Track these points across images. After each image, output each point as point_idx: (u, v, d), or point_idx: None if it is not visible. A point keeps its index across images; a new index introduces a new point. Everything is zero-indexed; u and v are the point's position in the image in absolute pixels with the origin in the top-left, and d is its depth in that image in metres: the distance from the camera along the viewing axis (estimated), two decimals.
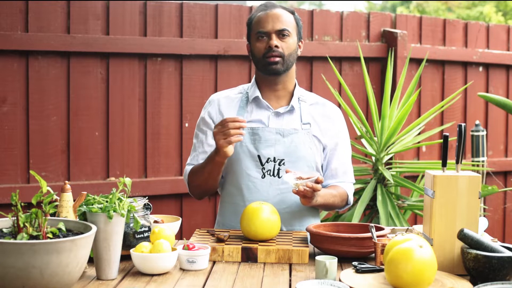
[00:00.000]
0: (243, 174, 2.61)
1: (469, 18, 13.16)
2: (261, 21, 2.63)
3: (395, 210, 3.49)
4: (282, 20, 2.62)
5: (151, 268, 2.04)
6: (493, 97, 3.75)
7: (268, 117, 2.65)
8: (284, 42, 2.61)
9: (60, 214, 2.17)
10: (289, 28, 2.63)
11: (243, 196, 2.61)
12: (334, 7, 24.63)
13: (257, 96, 2.67)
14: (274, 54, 2.59)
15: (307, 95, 2.76)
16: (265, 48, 2.61)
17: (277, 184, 2.61)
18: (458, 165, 2.11)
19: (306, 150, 2.63)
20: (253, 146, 2.61)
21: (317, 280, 1.89)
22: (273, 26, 2.61)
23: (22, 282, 1.67)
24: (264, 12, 2.64)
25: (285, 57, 2.61)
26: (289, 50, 2.62)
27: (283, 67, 2.63)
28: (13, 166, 3.56)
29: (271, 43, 2.59)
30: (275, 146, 2.60)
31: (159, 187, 3.88)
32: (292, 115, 2.67)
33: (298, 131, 2.63)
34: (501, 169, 5.05)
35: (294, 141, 2.62)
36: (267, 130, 2.61)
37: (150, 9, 3.85)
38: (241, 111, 2.67)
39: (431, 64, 4.76)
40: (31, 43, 3.53)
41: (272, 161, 2.61)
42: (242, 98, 2.71)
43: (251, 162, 2.61)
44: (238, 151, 2.61)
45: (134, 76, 3.83)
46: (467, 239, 1.99)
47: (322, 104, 2.76)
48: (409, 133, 3.74)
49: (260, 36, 2.62)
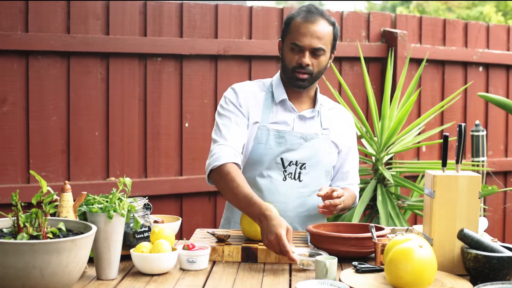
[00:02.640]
0: (264, 175, 2.61)
1: (469, 18, 13.16)
2: (300, 33, 2.54)
3: (395, 210, 3.49)
4: (320, 37, 2.54)
5: (151, 268, 2.04)
6: (493, 97, 3.75)
7: (293, 120, 2.64)
8: (316, 60, 2.56)
9: (60, 214, 2.17)
10: (325, 46, 2.56)
11: (263, 197, 2.59)
12: (334, 7, 24.63)
13: (284, 98, 2.64)
14: (304, 71, 2.56)
15: (324, 100, 2.76)
16: (296, 62, 2.56)
17: (297, 188, 2.62)
18: (458, 165, 2.11)
19: (325, 156, 2.65)
20: (277, 148, 2.60)
21: (317, 280, 1.89)
22: (310, 43, 2.53)
23: (22, 282, 1.67)
24: (305, 22, 2.55)
25: (314, 74, 2.58)
26: (320, 67, 2.58)
27: (309, 84, 2.61)
28: (13, 166, 3.56)
29: (303, 61, 2.54)
30: (298, 150, 2.61)
31: (159, 187, 3.88)
32: (314, 120, 2.67)
33: (319, 136, 2.65)
34: (501, 169, 5.05)
35: (315, 146, 2.63)
36: (293, 134, 2.61)
37: (150, 9, 3.85)
38: (266, 111, 2.63)
39: (431, 64, 4.75)
40: (31, 43, 3.53)
41: (294, 165, 2.61)
42: (266, 97, 2.66)
43: (273, 164, 2.60)
44: (262, 152, 2.59)
45: (134, 76, 3.83)
46: (467, 239, 1.99)
47: (338, 109, 2.78)
48: (409, 133, 3.74)
49: (294, 49, 2.56)
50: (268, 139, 2.59)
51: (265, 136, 2.60)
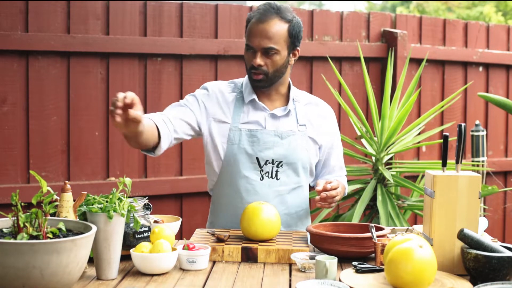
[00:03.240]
0: (241, 175, 2.61)
1: (469, 18, 13.17)
2: (251, 34, 2.55)
3: (395, 210, 3.49)
4: (270, 37, 2.52)
5: (151, 268, 2.04)
6: (493, 97, 3.75)
7: (264, 119, 2.64)
8: (269, 60, 2.55)
9: (60, 214, 2.17)
10: (277, 45, 2.54)
11: (242, 198, 2.61)
12: (334, 7, 24.63)
13: (254, 98, 2.64)
14: (258, 72, 2.56)
15: (300, 95, 2.74)
16: (250, 63, 2.57)
17: (276, 186, 2.62)
18: (458, 165, 2.11)
19: (303, 152, 2.64)
20: (251, 148, 2.60)
21: (317, 280, 1.89)
22: (260, 43, 2.53)
23: (22, 282, 1.67)
24: (257, 22, 2.55)
25: (269, 74, 2.57)
26: (275, 67, 2.56)
27: (267, 84, 2.60)
28: (13, 166, 3.56)
29: (254, 62, 2.55)
30: (273, 148, 2.60)
31: (159, 187, 3.88)
32: (288, 117, 2.66)
33: (295, 133, 2.64)
34: (501, 169, 5.05)
35: (292, 143, 2.62)
36: (265, 132, 2.61)
37: (150, 9, 3.85)
38: (237, 112, 2.63)
39: (431, 64, 4.76)
40: (31, 43, 3.53)
41: (270, 163, 2.61)
42: (237, 98, 2.66)
43: (249, 164, 2.60)
44: (236, 153, 2.60)
45: (134, 76, 3.83)
46: (467, 239, 1.99)
47: (315, 104, 2.75)
48: (409, 133, 3.74)
49: (249, 49, 2.58)
50: (240, 139, 2.59)
51: (237, 136, 2.60)
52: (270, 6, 2.58)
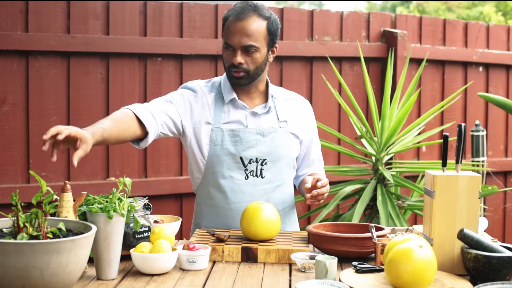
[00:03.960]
0: (226, 176, 2.60)
1: (469, 18, 13.16)
2: (230, 32, 2.53)
3: (395, 210, 3.49)
4: (250, 34, 2.51)
5: (151, 268, 2.04)
6: (493, 97, 3.75)
7: (246, 117, 2.63)
8: (250, 57, 2.54)
9: (60, 214, 2.17)
10: (257, 42, 2.53)
11: (228, 199, 2.60)
12: (334, 7, 24.63)
13: (234, 98, 2.63)
14: (238, 70, 2.55)
15: (278, 92, 2.74)
16: (229, 62, 2.55)
17: (261, 185, 2.62)
18: (458, 165, 2.11)
19: (286, 149, 2.65)
20: (234, 147, 2.59)
21: (317, 280, 1.89)
22: (239, 41, 2.52)
23: (22, 282, 1.67)
24: (235, 20, 2.53)
25: (250, 72, 2.56)
26: (255, 64, 2.56)
27: (247, 81, 2.59)
28: (13, 166, 3.56)
29: (234, 60, 2.53)
30: (256, 146, 2.60)
31: (159, 187, 3.88)
32: (268, 114, 2.66)
33: (277, 130, 2.64)
34: (501, 169, 5.05)
35: (274, 140, 2.62)
36: (247, 131, 2.60)
37: (150, 9, 3.85)
38: (218, 112, 2.62)
39: (431, 64, 4.76)
40: (31, 43, 3.53)
41: (254, 162, 2.60)
42: (216, 98, 2.64)
43: (233, 164, 2.59)
44: (219, 153, 2.59)
45: (134, 76, 3.83)
46: (467, 239, 1.99)
47: (294, 99, 2.75)
48: (409, 133, 3.74)
49: (227, 48, 2.56)
50: (223, 139, 2.58)
51: (219, 137, 2.59)
52: (247, 4, 2.57)
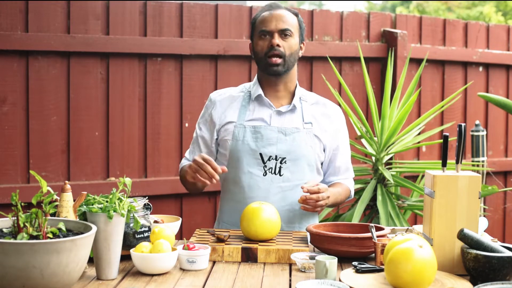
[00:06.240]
0: (245, 171, 2.64)
1: (469, 18, 13.17)
2: (265, 21, 2.67)
3: (395, 210, 3.49)
4: (285, 20, 2.66)
5: (151, 268, 2.04)
6: (493, 97, 3.75)
7: (270, 116, 2.68)
8: (286, 42, 2.65)
9: (60, 214, 2.17)
10: (292, 28, 2.67)
11: (244, 194, 2.64)
12: (334, 7, 24.63)
13: (260, 94, 2.69)
14: (276, 53, 2.63)
15: (308, 95, 2.79)
16: (267, 47, 2.65)
17: (278, 182, 2.63)
18: (458, 165, 2.11)
19: (307, 149, 2.65)
20: (254, 144, 2.63)
21: (317, 280, 1.89)
22: (276, 26, 2.65)
23: (22, 282, 1.67)
24: (269, 12, 2.69)
25: (286, 57, 2.64)
26: (291, 50, 2.65)
27: (284, 68, 2.66)
28: (13, 166, 3.56)
29: (273, 42, 2.63)
30: (277, 144, 2.63)
31: (159, 187, 3.88)
32: (293, 114, 2.69)
33: (300, 130, 2.66)
34: (501, 169, 5.05)
35: (296, 140, 2.64)
36: (269, 129, 2.64)
37: (150, 9, 3.85)
38: (243, 110, 2.69)
39: (431, 64, 4.75)
40: (31, 43, 3.53)
41: (274, 159, 2.63)
42: (244, 97, 2.74)
43: (253, 159, 2.63)
44: (240, 149, 2.64)
45: (134, 76, 3.83)
46: (467, 239, 1.99)
47: (322, 104, 2.79)
48: (409, 133, 3.74)
49: (263, 35, 2.66)
50: (244, 135, 2.64)
51: (241, 133, 2.65)
52: (275, 4, 2.74)
